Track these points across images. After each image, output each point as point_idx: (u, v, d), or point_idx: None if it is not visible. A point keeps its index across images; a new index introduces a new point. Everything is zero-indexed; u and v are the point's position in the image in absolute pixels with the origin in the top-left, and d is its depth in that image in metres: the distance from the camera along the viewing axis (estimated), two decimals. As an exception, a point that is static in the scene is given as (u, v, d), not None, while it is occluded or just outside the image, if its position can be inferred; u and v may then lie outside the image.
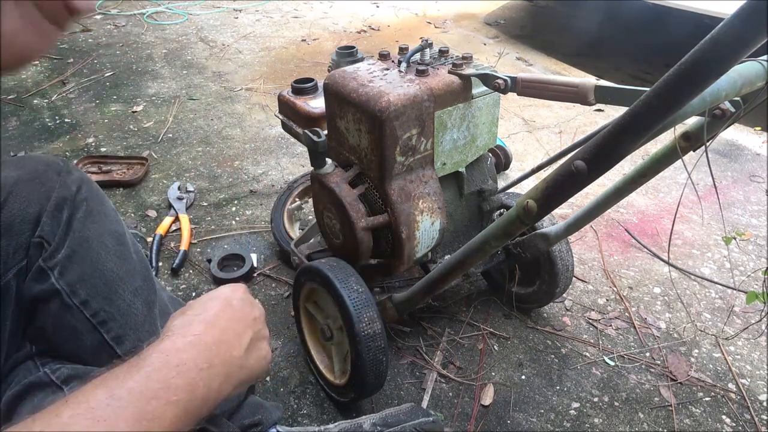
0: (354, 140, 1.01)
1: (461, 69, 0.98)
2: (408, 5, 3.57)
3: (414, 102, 0.93)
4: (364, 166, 1.01)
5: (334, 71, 1.03)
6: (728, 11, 1.51)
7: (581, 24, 3.29)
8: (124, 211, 1.66)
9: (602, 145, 0.54)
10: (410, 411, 1.00)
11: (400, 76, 0.99)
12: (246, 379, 0.55)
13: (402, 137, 0.94)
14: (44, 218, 0.70)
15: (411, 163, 0.99)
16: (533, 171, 1.14)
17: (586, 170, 0.55)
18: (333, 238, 1.11)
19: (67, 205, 0.72)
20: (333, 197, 1.02)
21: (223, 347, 0.53)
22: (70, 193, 0.73)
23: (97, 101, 2.31)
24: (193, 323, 0.53)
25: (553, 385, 1.16)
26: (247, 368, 0.55)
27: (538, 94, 0.89)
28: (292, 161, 1.92)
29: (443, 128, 1.00)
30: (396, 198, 0.98)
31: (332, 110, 1.04)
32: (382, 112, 0.90)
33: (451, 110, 0.99)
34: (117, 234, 0.76)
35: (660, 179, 1.86)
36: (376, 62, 1.06)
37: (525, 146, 2.01)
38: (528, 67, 2.72)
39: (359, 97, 0.95)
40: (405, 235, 1.01)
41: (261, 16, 3.33)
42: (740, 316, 1.33)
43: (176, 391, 0.47)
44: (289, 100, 1.20)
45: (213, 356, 0.51)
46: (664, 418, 1.10)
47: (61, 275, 0.69)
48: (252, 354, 0.56)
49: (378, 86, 0.95)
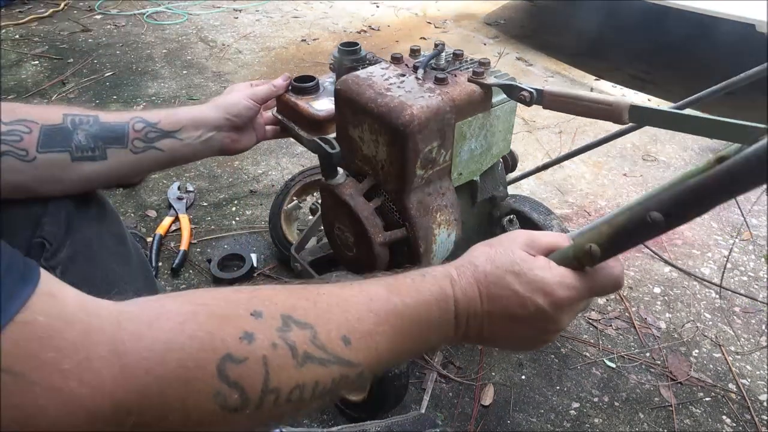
0: (369, 151, 0.96)
1: (482, 78, 0.94)
2: (408, 5, 3.57)
3: (437, 114, 0.88)
4: (380, 177, 0.96)
5: (346, 77, 0.98)
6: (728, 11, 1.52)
7: (581, 24, 3.29)
8: (124, 211, 1.66)
9: (685, 201, 0.50)
10: (417, 420, 0.98)
11: (419, 84, 0.93)
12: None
13: (423, 150, 0.90)
14: (44, 219, 0.70)
15: (430, 176, 0.94)
16: (537, 170, 1.13)
17: (663, 223, 0.53)
18: (345, 251, 1.06)
19: (68, 206, 0.72)
20: (347, 210, 0.97)
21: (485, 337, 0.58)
22: (71, 193, 0.73)
23: (97, 101, 2.31)
24: (495, 298, 0.55)
25: (553, 385, 1.16)
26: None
27: (565, 109, 0.85)
28: (292, 161, 1.92)
29: (462, 139, 0.95)
30: (415, 212, 0.94)
31: (344, 118, 0.98)
32: (405, 126, 0.86)
33: (471, 120, 0.95)
34: (118, 235, 0.76)
35: (660, 179, 1.86)
36: (389, 66, 1.01)
37: (525, 146, 2.01)
38: (528, 67, 2.72)
39: (378, 108, 0.89)
40: (423, 249, 0.97)
41: (261, 16, 3.33)
42: (740, 316, 1.34)
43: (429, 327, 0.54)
44: (289, 100, 1.13)
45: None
46: (664, 419, 1.10)
47: (63, 275, 0.69)
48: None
49: (398, 96, 0.90)
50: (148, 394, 0.38)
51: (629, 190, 1.80)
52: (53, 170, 0.71)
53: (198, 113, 0.89)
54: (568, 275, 0.56)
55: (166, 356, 0.39)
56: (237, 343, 0.42)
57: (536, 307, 0.54)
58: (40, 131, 0.70)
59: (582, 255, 0.57)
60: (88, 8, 3.23)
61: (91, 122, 0.75)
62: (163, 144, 0.83)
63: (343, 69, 1.10)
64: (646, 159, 1.97)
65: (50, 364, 0.35)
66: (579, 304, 0.58)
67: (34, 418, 0.34)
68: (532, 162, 1.91)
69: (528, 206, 1.18)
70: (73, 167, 0.73)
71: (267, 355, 0.42)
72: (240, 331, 0.42)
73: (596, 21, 3.23)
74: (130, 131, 0.79)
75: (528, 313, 0.54)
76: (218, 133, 0.92)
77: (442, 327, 0.54)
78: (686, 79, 2.63)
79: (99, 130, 0.76)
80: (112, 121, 0.78)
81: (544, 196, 1.76)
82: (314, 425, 1.08)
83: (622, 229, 0.55)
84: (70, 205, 0.72)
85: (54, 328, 0.36)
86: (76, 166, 0.73)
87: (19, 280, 0.36)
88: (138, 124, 0.80)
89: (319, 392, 0.45)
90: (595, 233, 0.57)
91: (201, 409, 0.40)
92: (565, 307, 0.55)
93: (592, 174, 1.88)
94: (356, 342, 0.47)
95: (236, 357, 0.41)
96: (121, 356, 0.37)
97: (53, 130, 0.71)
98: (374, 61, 1.12)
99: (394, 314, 0.51)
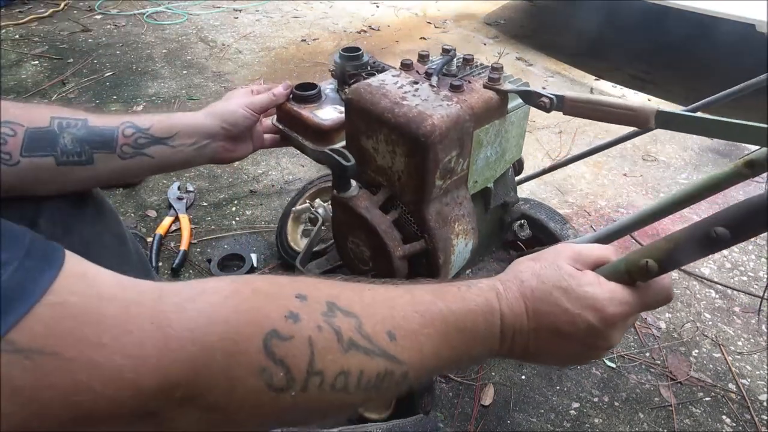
0: (384, 162, 0.93)
1: (498, 84, 0.92)
2: (408, 5, 3.57)
3: (457, 124, 0.86)
4: (396, 189, 0.93)
5: (358, 85, 0.94)
6: (728, 11, 1.51)
7: (581, 24, 3.29)
8: (124, 211, 1.66)
9: (753, 217, 0.50)
10: (418, 422, 0.97)
11: (435, 92, 0.91)
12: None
13: (443, 161, 0.87)
14: (40, 219, 0.70)
15: (448, 186, 0.92)
16: (543, 172, 1.12)
17: (728, 238, 0.52)
18: (360, 265, 1.03)
19: (66, 207, 0.72)
20: (363, 223, 0.93)
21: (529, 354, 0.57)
22: (67, 194, 0.73)
23: (97, 101, 2.31)
24: (543, 314, 0.54)
25: (553, 385, 1.16)
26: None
27: (587, 115, 0.83)
28: (292, 161, 1.92)
29: (479, 147, 0.93)
30: (434, 223, 0.92)
31: (357, 128, 0.95)
32: (427, 136, 0.83)
33: (488, 128, 0.93)
34: (118, 235, 0.76)
35: (660, 179, 1.86)
36: (401, 74, 0.98)
37: (525, 146, 2.00)
38: (528, 67, 2.72)
39: (396, 118, 0.86)
40: (442, 261, 0.95)
41: (261, 16, 3.33)
42: (740, 316, 1.34)
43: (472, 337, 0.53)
44: (291, 110, 1.07)
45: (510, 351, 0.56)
46: (664, 418, 1.10)
47: (63, 275, 0.69)
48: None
49: (415, 105, 0.87)
50: (195, 366, 0.37)
51: (629, 190, 1.80)
52: (38, 174, 0.70)
53: (192, 120, 0.86)
54: (619, 290, 0.54)
55: (211, 328, 0.38)
56: (283, 321, 0.41)
57: (587, 324, 0.53)
58: (25, 134, 0.69)
59: (636, 270, 0.55)
60: (88, 8, 3.23)
61: (78, 126, 0.74)
62: (153, 150, 0.81)
63: (345, 75, 1.07)
64: (646, 159, 1.97)
65: (88, 340, 0.34)
66: (630, 319, 0.57)
67: (76, 395, 0.34)
68: (532, 162, 1.91)
69: (544, 214, 1.16)
70: (59, 171, 0.71)
71: (312, 336, 0.42)
72: (285, 310, 0.42)
73: (596, 21, 3.23)
74: (119, 136, 0.77)
75: (577, 330, 0.53)
76: (213, 142, 0.89)
77: (488, 339, 0.53)
78: (686, 79, 2.63)
79: (86, 134, 0.74)
80: (101, 125, 0.76)
81: (544, 196, 1.76)
82: (314, 425, 1.08)
83: (684, 243, 0.54)
84: (67, 206, 0.72)
85: (89, 305, 0.35)
86: (61, 170, 0.72)
87: (43, 263, 0.35)
88: (128, 129, 0.78)
89: (364, 384, 0.45)
90: (652, 249, 0.55)
91: (247, 386, 0.39)
92: (618, 323, 0.54)
93: (592, 174, 1.87)
94: (401, 339, 0.47)
95: (282, 334, 0.41)
96: (165, 328, 0.37)
97: (38, 134, 0.70)
98: (377, 66, 1.09)
99: (440, 318, 0.50)
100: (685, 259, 0.55)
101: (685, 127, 0.75)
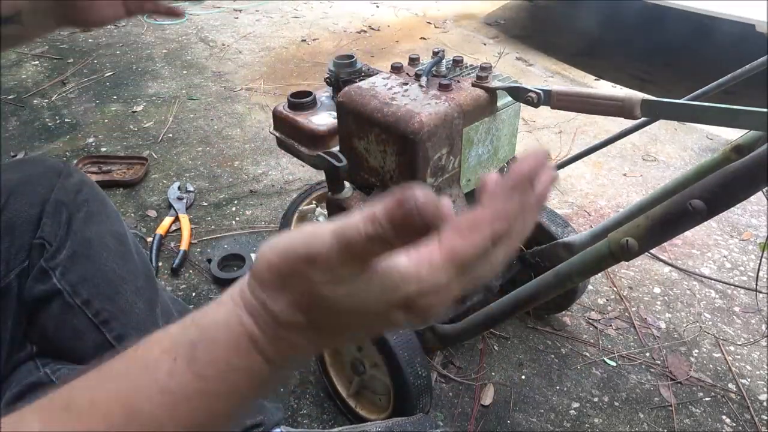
0: (376, 162, 0.95)
1: (486, 81, 0.93)
2: (408, 5, 3.57)
3: (445, 121, 0.88)
4: (389, 188, 0.96)
5: (348, 88, 0.97)
6: (728, 11, 1.51)
7: (581, 24, 3.29)
8: (124, 211, 1.66)
9: (727, 186, 0.49)
10: (418, 422, 0.97)
11: (423, 92, 0.93)
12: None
13: (433, 158, 0.89)
14: (44, 219, 0.70)
15: (440, 184, 0.94)
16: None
17: (705, 210, 0.51)
18: None
19: (67, 207, 0.72)
20: None
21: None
22: (69, 195, 0.73)
23: (97, 101, 2.31)
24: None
25: (553, 385, 1.16)
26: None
27: (574, 108, 0.84)
28: (292, 161, 1.92)
29: (470, 144, 0.95)
30: None
31: (349, 130, 0.97)
32: (415, 133, 0.85)
33: (477, 125, 0.94)
34: (118, 234, 0.76)
35: (660, 179, 1.86)
36: (390, 76, 1.00)
37: (525, 146, 2.01)
38: (528, 67, 2.72)
39: (385, 117, 0.88)
40: None
41: (261, 16, 3.33)
42: (740, 316, 1.34)
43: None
44: (288, 117, 1.10)
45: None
46: (664, 418, 1.10)
47: (63, 275, 0.69)
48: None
49: (404, 104, 0.89)
50: None
51: (629, 190, 1.80)
52: None
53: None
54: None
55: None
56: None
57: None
58: None
59: (618, 249, 0.54)
60: (88, 8, 3.23)
61: None
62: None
63: (340, 82, 1.09)
64: (646, 159, 1.97)
65: None
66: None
67: None
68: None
69: (545, 216, 1.16)
70: None
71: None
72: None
73: (596, 21, 3.23)
74: None
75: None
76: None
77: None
78: (686, 79, 2.63)
79: None
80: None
81: (544, 196, 1.76)
82: (314, 425, 1.08)
83: (660, 219, 0.53)
84: (71, 206, 0.72)
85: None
86: None
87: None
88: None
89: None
90: (631, 227, 0.54)
91: None
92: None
93: (591, 174, 1.88)
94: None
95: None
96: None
97: None
98: (370, 73, 1.12)
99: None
100: (664, 233, 0.54)
101: (671, 114, 0.76)
